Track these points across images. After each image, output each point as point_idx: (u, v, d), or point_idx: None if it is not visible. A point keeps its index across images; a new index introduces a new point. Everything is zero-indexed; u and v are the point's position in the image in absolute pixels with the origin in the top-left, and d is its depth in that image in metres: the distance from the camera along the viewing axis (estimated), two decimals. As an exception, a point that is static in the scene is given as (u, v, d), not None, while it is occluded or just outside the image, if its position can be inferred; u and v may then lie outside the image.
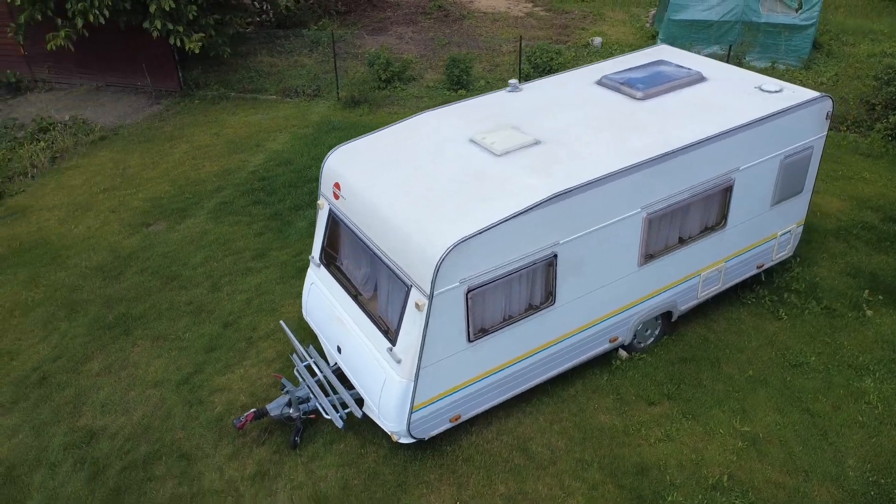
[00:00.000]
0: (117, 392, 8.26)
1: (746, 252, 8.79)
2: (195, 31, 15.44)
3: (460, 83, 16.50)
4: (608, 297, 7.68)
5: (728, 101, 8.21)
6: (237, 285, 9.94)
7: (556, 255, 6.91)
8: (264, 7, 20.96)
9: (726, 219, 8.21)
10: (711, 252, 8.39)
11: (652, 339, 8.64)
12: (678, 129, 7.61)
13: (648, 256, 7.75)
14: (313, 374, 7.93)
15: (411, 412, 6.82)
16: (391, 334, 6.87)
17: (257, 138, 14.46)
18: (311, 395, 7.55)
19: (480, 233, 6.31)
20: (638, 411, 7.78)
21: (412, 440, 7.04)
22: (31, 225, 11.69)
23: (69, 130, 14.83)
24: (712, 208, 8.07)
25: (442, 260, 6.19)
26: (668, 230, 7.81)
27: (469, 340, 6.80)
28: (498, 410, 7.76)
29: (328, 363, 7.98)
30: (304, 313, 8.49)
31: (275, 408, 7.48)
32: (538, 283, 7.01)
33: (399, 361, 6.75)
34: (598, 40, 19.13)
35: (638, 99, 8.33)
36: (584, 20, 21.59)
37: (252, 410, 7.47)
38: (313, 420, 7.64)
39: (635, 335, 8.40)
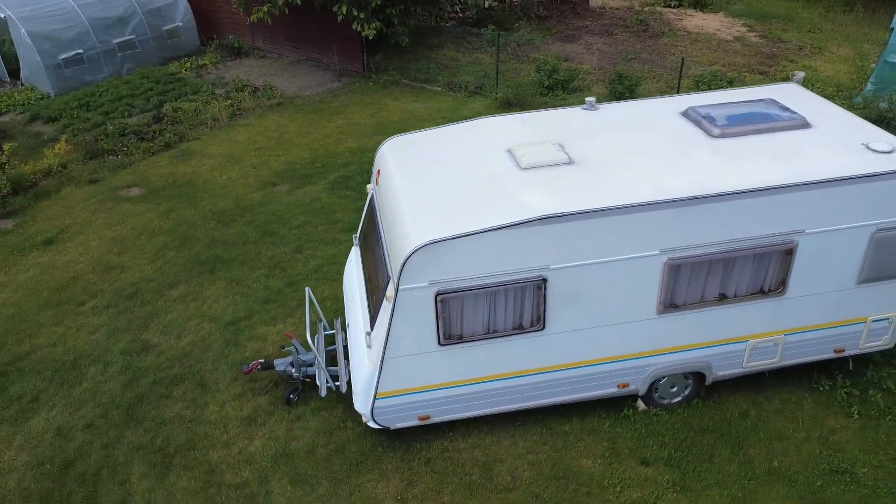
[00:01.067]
0: (180, 318, 9.46)
1: (817, 330, 7.59)
2: (377, 19, 16.63)
3: (622, 100, 15.85)
4: (615, 338, 7.16)
5: (817, 153, 7.13)
6: (316, 251, 10.76)
7: (545, 280, 6.63)
8: (465, 4, 21.82)
9: (785, 285, 7.18)
10: (764, 319, 7.39)
11: (679, 399, 7.86)
12: (733, 174, 6.82)
13: (671, 306, 7.07)
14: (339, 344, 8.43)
15: (375, 398, 7.02)
16: (373, 320, 7.11)
17: (405, 124, 15.26)
18: (315, 362, 8.05)
19: (454, 238, 6.29)
20: (626, 467, 7.18)
21: (378, 426, 7.24)
22: (189, 167, 13.63)
23: (256, 94, 16.88)
24: (766, 270, 7.10)
25: (408, 257, 6.29)
26: (702, 283, 7.04)
27: (440, 344, 6.80)
28: (481, 423, 7.64)
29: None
30: (343, 287, 9.03)
31: (280, 364, 8.10)
32: (526, 304, 6.78)
33: (370, 346, 6.98)
34: (800, 75, 17.17)
35: (713, 136, 7.55)
36: (798, 52, 19.45)
37: (261, 360, 8.17)
38: (310, 384, 8.14)
39: (656, 388, 7.72)
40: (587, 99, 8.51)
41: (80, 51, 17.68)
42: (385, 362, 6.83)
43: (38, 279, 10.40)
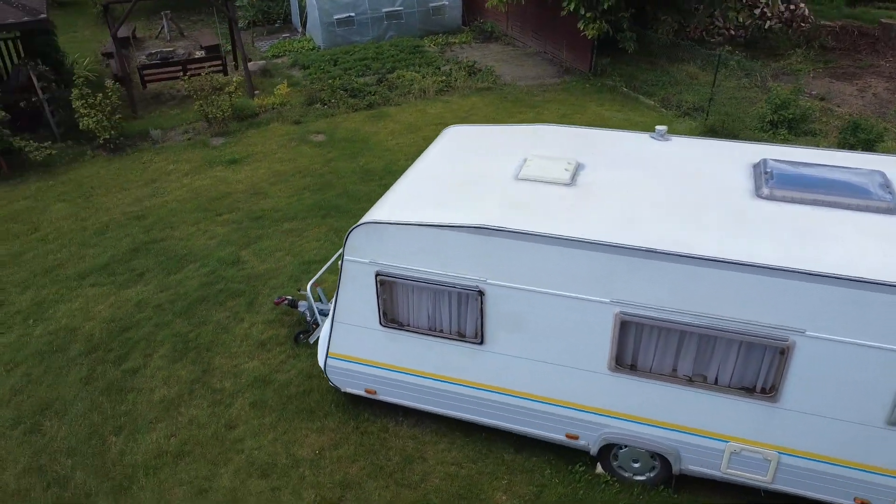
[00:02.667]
0: (274, 247, 10.81)
1: (824, 463, 6.03)
2: (606, 21, 16.19)
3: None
4: (560, 380, 6.55)
5: (868, 243, 5.61)
6: (415, 224, 11.30)
7: (482, 293, 6.36)
8: (745, 25, 19.92)
9: (778, 391, 5.85)
10: (749, 424, 6.10)
11: (642, 477, 6.88)
12: (724, 240, 5.74)
13: (628, 366, 6.24)
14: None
15: (327, 356, 7.46)
16: (347, 285, 7.51)
17: (589, 130, 14.80)
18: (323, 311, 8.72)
19: (392, 224, 6.40)
20: (536, 519, 6.63)
21: (332, 385, 7.68)
22: (374, 127, 15.03)
23: (474, 75, 17.70)
24: (753, 365, 5.86)
25: (351, 231, 6.58)
26: (669, 353, 6.07)
27: (381, 324, 6.96)
28: (432, 420, 7.59)
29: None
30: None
31: (301, 306, 8.94)
32: (467, 313, 6.57)
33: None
34: None
35: (758, 195, 6.34)
36: None
37: (289, 297, 9.08)
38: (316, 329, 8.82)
39: (616, 456, 6.87)
40: (657, 127, 7.66)
41: (352, 14, 20.25)
42: (334, 325, 7.22)
43: (206, 188, 12.66)
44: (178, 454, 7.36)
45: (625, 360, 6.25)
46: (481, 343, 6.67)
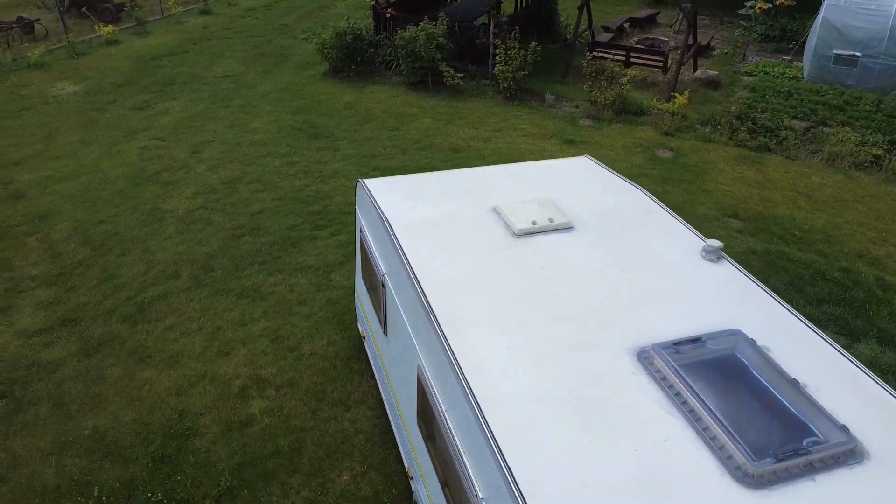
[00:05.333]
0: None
1: None
2: None
3: None
4: (405, 406, 6.26)
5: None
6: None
7: (384, 284, 6.45)
8: None
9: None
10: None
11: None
12: (514, 372, 4.61)
13: (429, 437, 5.61)
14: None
15: (355, 286, 8.49)
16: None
17: None
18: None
19: (364, 190, 6.93)
20: (339, 511, 6.72)
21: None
22: (726, 167, 13.33)
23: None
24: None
25: (357, 182, 7.32)
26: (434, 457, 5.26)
27: (361, 277, 7.60)
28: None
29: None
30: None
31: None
32: (381, 298, 6.73)
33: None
34: None
35: (636, 353, 4.60)
36: None
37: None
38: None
39: (432, 529, 6.25)
40: (710, 241, 5.75)
41: (858, 54, 17.11)
42: (356, 262, 8.15)
43: (508, 151, 13.76)
44: (262, 296, 9.59)
45: (424, 426, 5.64)
46: (385, 334, 6.78)
